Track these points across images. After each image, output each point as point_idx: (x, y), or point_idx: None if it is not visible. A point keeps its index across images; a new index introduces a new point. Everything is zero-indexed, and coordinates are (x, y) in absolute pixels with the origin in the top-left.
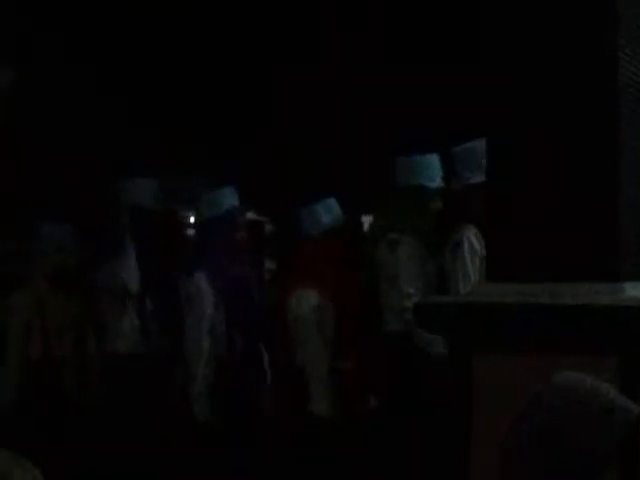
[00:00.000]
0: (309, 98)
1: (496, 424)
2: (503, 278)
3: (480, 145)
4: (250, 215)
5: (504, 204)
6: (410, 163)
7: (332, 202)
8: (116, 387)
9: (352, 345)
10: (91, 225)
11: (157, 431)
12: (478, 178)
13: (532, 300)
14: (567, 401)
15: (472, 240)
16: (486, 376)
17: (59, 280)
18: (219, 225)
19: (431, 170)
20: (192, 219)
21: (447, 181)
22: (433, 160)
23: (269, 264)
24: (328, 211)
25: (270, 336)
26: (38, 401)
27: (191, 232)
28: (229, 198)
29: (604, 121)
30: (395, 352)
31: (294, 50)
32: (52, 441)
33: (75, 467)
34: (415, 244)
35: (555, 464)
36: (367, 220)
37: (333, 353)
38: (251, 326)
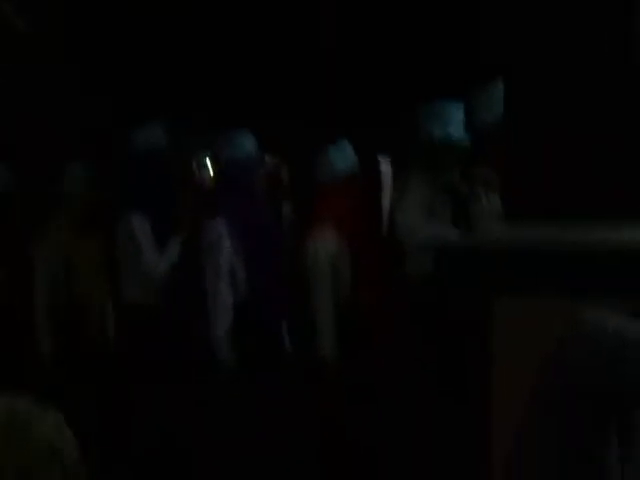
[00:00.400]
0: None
1: (518, 367)
2: (521, 217)
3: (497, 87)
4: (268, 159)
5: (525, 137)
6: (433, 111)
7: (346, 146)
8: (137, 336)
9: (369, 288)
10: (109, 170)
11: (180, 378)
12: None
13: (556, 243)
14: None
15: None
16: (507, 320)
17: (85, 226)
18: (237, 169)
19: (456, 118)
20: (209, 164)
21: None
22: (458, 107)
23: (288, 208)
24: (342, 156)
25: (288, 278)
26: (66, 350)
27: (208, 176)
28: (246, 141)
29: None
30: (415, 295)
31: None
32: (78, 388)
33: (97, 413)
34: (424, 181)
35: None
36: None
37: (351, 296)
38: (270, 270)
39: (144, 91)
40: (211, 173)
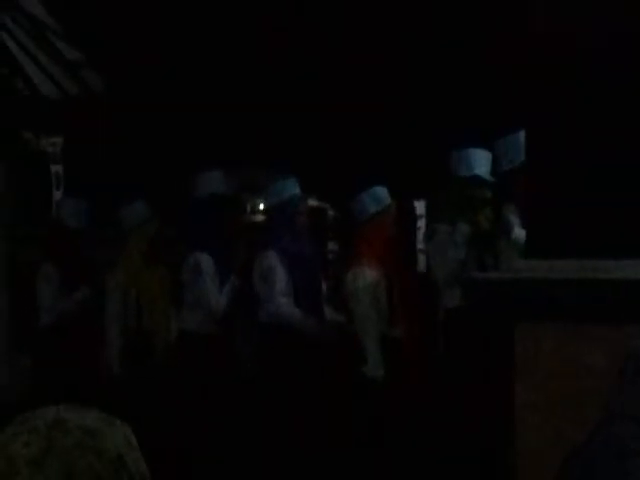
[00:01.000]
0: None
1: (538, 389)
2: (542, 255)
3: (520, 135)
4: (313, 202)
5: (544, 186)
6: (464, 156)
7: (379, 190)
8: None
9: (405, 316)
10: (173, 209)
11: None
12: (518, 164)
13: (570, 275)
14: None
15: (514, 220)
16: (527, 346)
17: (152, 254)
18: (283, 211)
19: (484, 162)
20: (261, 206)
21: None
22: (485, 153)
23: (332, 246)
24: (373, 198)
25: (334, 308)
26: (132, 369)
27: (260, 217)
28: (291, 187)
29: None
30: (449, 326)
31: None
32: (143, 405)
33: (162, 429)
34: (451, 230)
35: None
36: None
37: (387, 323)
38: (313, 299)
39: (205, 140)
40: (262, 215)
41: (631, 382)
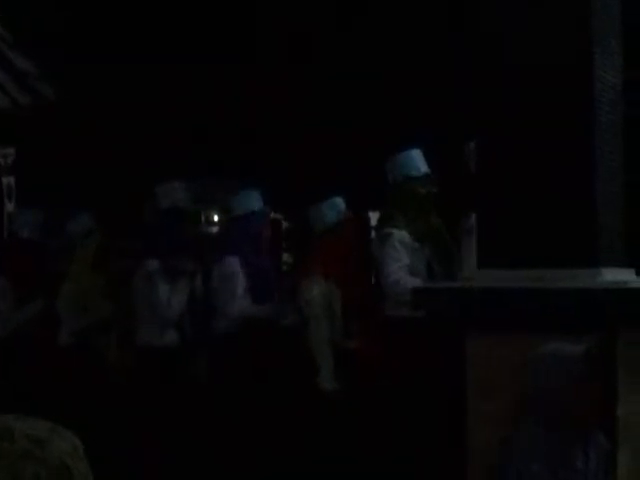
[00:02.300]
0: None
1: (488, 396)
2: (492, 265)
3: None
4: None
5: (492, 199)
6: (395, 160)
7: (336, 201)
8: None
9: (358, 327)
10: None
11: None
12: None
13: (520, 285)
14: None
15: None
16: (478, 355)
17: (98, 264)
18: (247, 223)
19: (414, 162)
20: (216, 217)
21: (457, 172)
22: (413, 153)
23: (287, 257)
24: (332, 209)
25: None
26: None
27: (214, 229)
28: (256, 200)
29: (581, 120)
30: (395, 334)
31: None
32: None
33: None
34: (402, 235)
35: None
36: (375, 215)
37: (341, 333)
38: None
39: (165, 152)
40: (217, 226)
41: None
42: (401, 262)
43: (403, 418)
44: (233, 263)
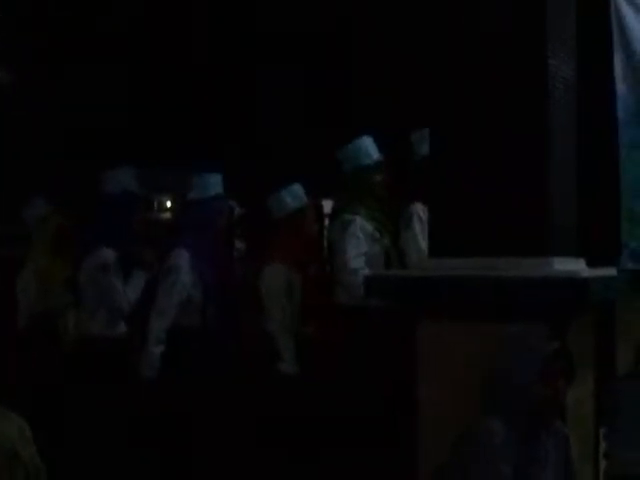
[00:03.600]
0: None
1: (439, 384)
2: (444, 253)
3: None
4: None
5: (444, 187)
6: (348, 149)
7: (296, 187)
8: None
9: (314, 313)
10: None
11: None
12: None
13: (472, 273)
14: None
15: (421, 216)
16: (430, 343)
17: (56, 248)
18: (203, 208)
19: (365, 149)
20: (169, 203)
21: (404, 160)
22: (366, 141)
23: (239, 244)
24: (292, 196)
25: (243, 306)
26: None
27: (167, 215)
28: (216, 185)
29: (534, 110)
30: (348, 321)
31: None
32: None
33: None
34: (363, 223)
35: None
36: (328, 203)
37: (299, 320)
38: (225, 298)
39: (116, 135)
40: (169, 212)
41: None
42: (360, 250)
43: (355, 405)
44: (179, 255)
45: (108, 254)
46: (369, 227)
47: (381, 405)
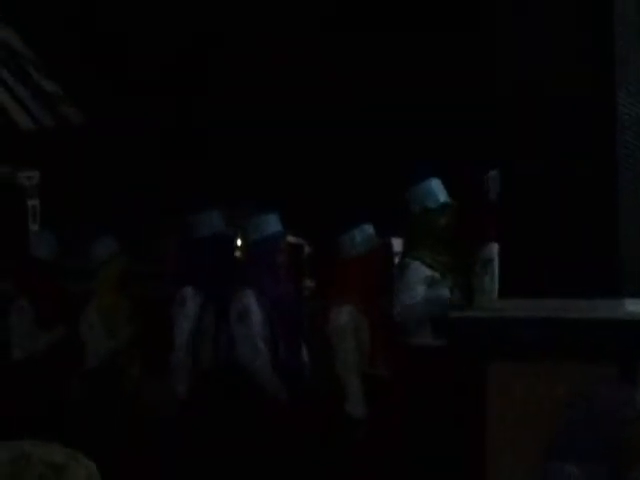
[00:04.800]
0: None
1: (510, 427)
2: (515, 294)
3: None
4: (291, 239)
5: (515, 228)
6: (414, 191)
7: (367, 227)
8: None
9: (384, 354)
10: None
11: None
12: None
13: (543, 315)
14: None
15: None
16: (501, 384)
17: (122, 287)
18: (264, 247)
19: (432, 192)
20: (239, 242)
21: (477, 202)
22: (433, 183)
23: (308, 282)
24: (363, 236)
25: (311, 345)
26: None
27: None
28: (273, 223)
29: (604, 152)
30: (421, 363)
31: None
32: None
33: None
34: (420, 267)
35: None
36: (397, 242)
37: (368, 361)
38: (293, 337)
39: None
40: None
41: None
42: (411, 294)
43: (426, 446)
44: (248, 296)
45: (190, 293)
46: (428, 271)
47: (450, 447)
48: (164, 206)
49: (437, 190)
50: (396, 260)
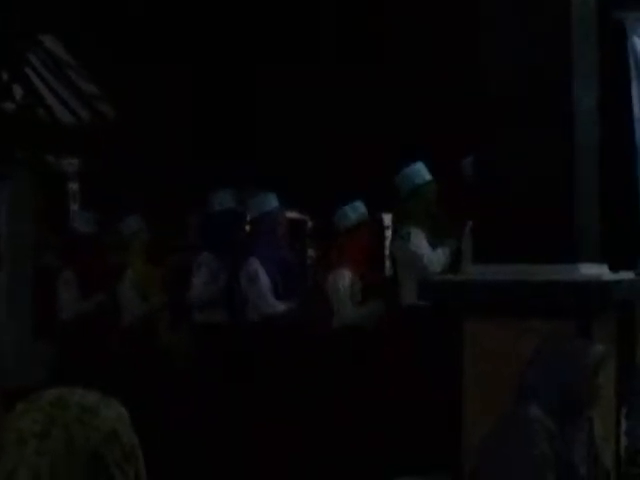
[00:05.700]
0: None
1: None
2: (487, 261)
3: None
4: (295, 214)
5: (486, 204)
6: (404, 172)
7: (359, 204)
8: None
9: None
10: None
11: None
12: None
13: (510, 278)
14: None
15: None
16: (474, 338)
17: (151, 257)
18: (264, 222)
19: (418, 172)
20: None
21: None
22: (418, 165)
23: (311, 252)
24: (355, 211)
25: (312, 304)
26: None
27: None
28: (270, 201)
29: (562, 135)
30: (410, 321)
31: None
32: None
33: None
34: (421, 233)
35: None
36: (387, 217)
37: (361, 317)
38: (293, 294)
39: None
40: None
41: (532, 365)
42: (427, 250)
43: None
44: (253, 262)
45: (208, 258)
46: (428, 237)
47: (429, 391)
48: (187, 186)
49: (423, 170)
50: (387, 233)
